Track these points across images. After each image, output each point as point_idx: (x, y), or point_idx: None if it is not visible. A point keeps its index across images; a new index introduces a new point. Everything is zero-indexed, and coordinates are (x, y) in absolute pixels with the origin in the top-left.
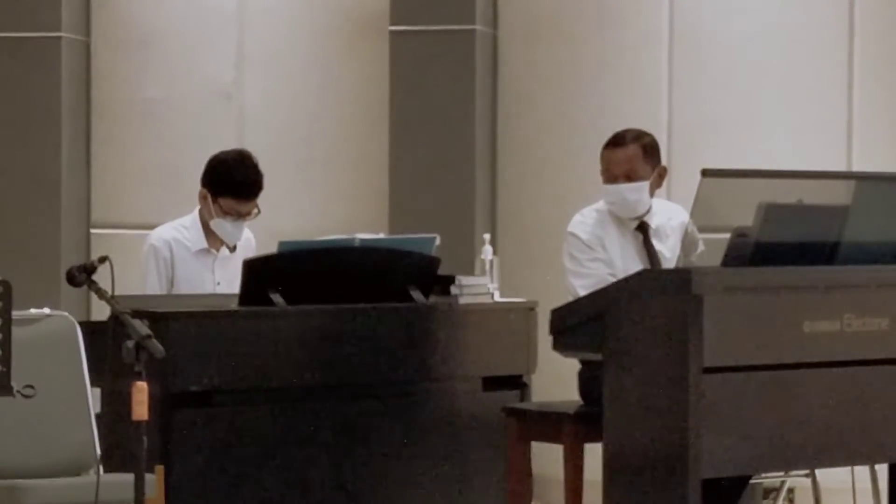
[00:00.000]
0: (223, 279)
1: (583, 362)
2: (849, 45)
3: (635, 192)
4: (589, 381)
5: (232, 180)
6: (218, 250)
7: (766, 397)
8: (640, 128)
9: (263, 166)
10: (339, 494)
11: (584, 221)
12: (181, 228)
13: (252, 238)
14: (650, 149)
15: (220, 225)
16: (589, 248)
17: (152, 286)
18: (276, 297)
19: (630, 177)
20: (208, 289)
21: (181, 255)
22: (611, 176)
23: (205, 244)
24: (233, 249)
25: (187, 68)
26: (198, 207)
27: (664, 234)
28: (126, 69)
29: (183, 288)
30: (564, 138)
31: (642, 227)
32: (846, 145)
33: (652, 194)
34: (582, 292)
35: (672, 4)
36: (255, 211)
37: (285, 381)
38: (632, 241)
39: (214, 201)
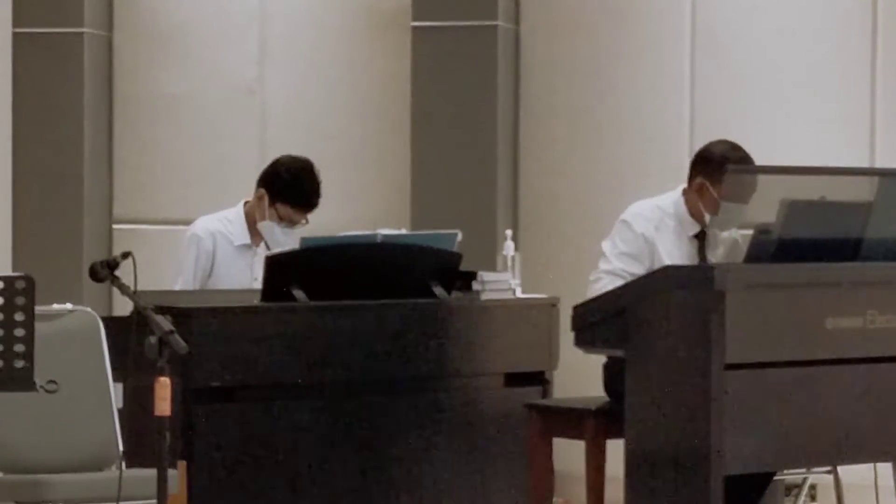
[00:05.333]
0: (261, 275)
1: (609, 356)
2: (871, 41)
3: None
4: (615, 375)
5: (299, 190)
6: (258, 246)
7: (789, 394)
8: (663, 124)
9: None
10: (361, 490)
11: (643, 215)
12: (225, 221)
13: None
14: None
15: (270, 229)
16: (633, 241)
17: (186, 276)
18: (299, 293)
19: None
20: (245, 284)
21: (223, 249)
22: (740, 196)
23: (248, 240)
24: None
25: (210, 64)
26: (242, 202)
27: (714, 244)
28: (148, 65)
29: (221, 281)
30: (586, 134)
31: (700, 236)
32: (869, 141)
33: None
34: (604, 276)
35: (694, 1)
36: (304, 221)
37: (307, 377)
38: (686, 248)
39: (271, 204)
